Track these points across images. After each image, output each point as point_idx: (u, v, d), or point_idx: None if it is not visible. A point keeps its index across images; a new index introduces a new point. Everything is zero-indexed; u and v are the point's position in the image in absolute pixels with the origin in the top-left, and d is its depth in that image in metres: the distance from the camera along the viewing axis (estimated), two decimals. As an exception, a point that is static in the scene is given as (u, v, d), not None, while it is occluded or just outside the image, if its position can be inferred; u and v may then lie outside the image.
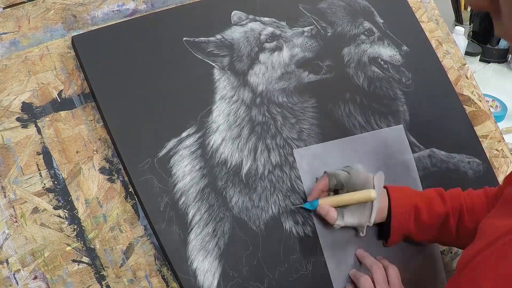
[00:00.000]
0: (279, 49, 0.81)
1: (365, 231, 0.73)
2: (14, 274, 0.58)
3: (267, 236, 0.71)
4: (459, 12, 1.78)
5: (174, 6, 0.78)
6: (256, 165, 0.74)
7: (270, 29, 0.81)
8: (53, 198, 0.63)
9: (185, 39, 0.74)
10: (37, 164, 0.63)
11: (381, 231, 0.76)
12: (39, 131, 0.64)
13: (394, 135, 0.87)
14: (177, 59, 0.73)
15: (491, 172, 0.98)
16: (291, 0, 0.87)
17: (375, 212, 0.70)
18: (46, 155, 0.64)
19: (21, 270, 0.59)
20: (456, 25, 1.75)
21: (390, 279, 0.71)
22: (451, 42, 1.10)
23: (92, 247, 0.63)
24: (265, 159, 0.74)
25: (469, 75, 1.09)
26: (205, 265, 0.66)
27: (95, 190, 0.65)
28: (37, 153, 0.63)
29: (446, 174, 0.91)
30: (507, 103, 1.57)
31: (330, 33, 0.88)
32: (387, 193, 0.74)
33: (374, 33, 0.92)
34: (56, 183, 0.63)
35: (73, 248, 0.62)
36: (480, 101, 1.07)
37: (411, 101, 0.92)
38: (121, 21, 0.73)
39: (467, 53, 1.71)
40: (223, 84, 0.75)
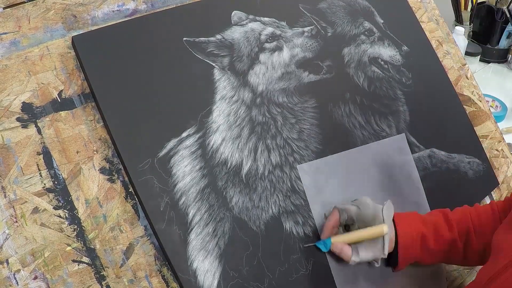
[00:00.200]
0: (279, 49, 0.81)
1: (380, 262, 0.73)
2: (14, 274, 0.58)
3: (267, 236, 0.71)
4: (459, 12, 1.78)
5: (174, 6, 0.78)
6: (256, 165, 0.74)
7: (270, 29, 0.81)
8: (53, 198, 0.63)
9: (185, 39, 0.74)
10: (37, 164, 0.63)
11: (389, 259, 0.76)
12: (39, 131, 0.64)
13: (395, 145, 0.87)
14: (177, 59, 0.73)
15: (491, 172, 0.98)
16: (291, 0, 0.87)
17: (387, 244, 0.71)
18: (46, 155, 0.64)
19: (21, 270, 0.59)
20: (456, 25, 1.75)
21: None
22: (451, 42, 1.10)
23: (92, 247, 0.63)
24: (265, 159, 0.74)
25: (469, 75, 1.09)
26: (205, 265, 0.66)
27: (95, 190, 0.65)
28: (37, 153, 0.63)
29: (446, 174, 0.91)
30: (507, 103, 1.57)
31: (330, 33, 0.88)
32: (393, 221, 0.74)
33: (374, 33, 0.92)
34: (56, 183, 0.63)
35: (73, 248, 0.62)
36: (480, 101, 1.07)
37: (411, 101, 0.92)
38: (121, 21, 0.73)
39: (467, 53, 1.71)
40: (223, 84, 0.75)
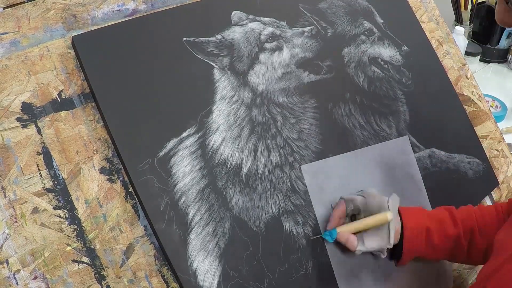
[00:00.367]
0: (279, 49, 0.81)
1: (385, 253, 0.73)
2: (14, 274, 0.58)
3: (267, 236, 0.71)
4: (459, 12, 1.78)
5: (174, 6, 0.78)
6: (256, 165, 0.74)
7: (270, 29, 0.81)
8: (53, 198, 0.63)
9: (185, 39, 0.74)
10: (37, 164, 0.63)
11: (393, 252, 0.76)
12: (39, 131, 0.64)
13: (398, 147, 0.87)
14: (177, 59, 0.73)
15: (491, 172, 0.98)
16: (291, 0, 0.87)
17: (393, 233, 0.71)
18: (46, 155, 0.64)
19: (21, 270, 0.59)
20: (456, 25, 1.75)
21: None
22: (451, 42, 1.10)
23: (92, 247, 0.63)
24: (265, 159, 0.74)
25: (469, 75, 1.09)
26: (205, 265, 0.66)
27: (95, 190, 0.65)
28: (37, 153, 0.63)
29: (446, 174, 0.91)
30: (507, 103, 1.57)
31: (330, 33, 0.88)
32: (399, 215, 0.74)
33: (374, 33, 0.92)
34: (56, 183, 0.63)
35: (73, 248, 0.62)
36: (480, 101, 1.07)
37: (411, 101, 0.92)
38: (121, 21, 0.73)
39: (467, 53, 1.71)
40: (223, 84, 0.75)
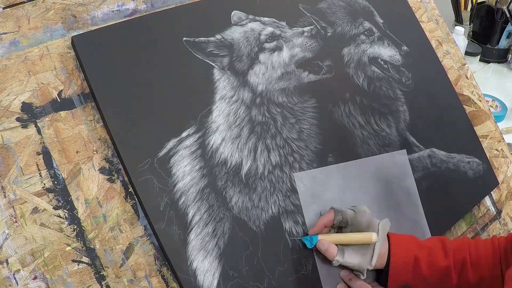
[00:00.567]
0: (279, 49, 0.81)
1: (365, 274, 0.71)
2: (14, 274, 0.58)
3: (267, 236, 0.71)
4: (459, 12, 1.78)
5: (174, 6, 0.78)
6: (256, 165, 0.74)
7: (270, 29, 0.81)
8: (53, 198, 0.63)
9: (185, 39, 0.74)
10: (37, 164, 0.63)
11: (379, 278, 0.75)
12: (39, 131, 0.64)
13: (395, 161, 0.86)
14: (177, 59, 0.73)
15: (491, 172, 0.98)
16: (291, 0, 0.87)
17: (376, 255, 0.69)
18: (46, 155, 0.64)
19: (21, 270, 0.59)
20: (456, 25, 1.75)
21: None
22: (451, 42, 1.10)
23: (92, 247, 0.63)
24: (265, 159, 0.74)
25: (469, 75, 1.09)
26: (205, 265, 0.66)
27: (95, 190, 0.65)
28: (37, 153, 0.63)
29: (446, 174, 0.91)
30: (507, 103, 1.57)
31: (330, 33, 0.88)
32: (388, 240, 0.73)
33: (374, 33, 0.92)
34: (56, 183, 0.63)
35: (73, 248, 0.62)
36: (480, 101, 1.07)
37: (411, 101, 0.92)
38: (121, 21, 0.73)
39: (467, 53, 1.71)
40: (223, 84, 0.75)
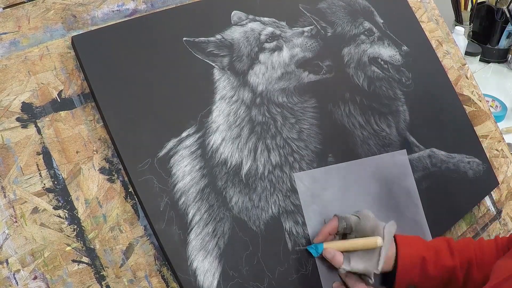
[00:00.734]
0: (279, 49, 0.81)
1: (373, 278, 0.71)
2: (14, 274, 0.58)
3: (267, 236, 0.71)
4: (459, 12, 1.78)
5: (174, 6, 0.78)
6: (256, 165, 0.74)
7: (270, 29, 0.81)
8: (53, 198, 0.63)
9: (185, 39, 0.74)
10: (37, 164, 0.63)
11: (386, 279, 0.75)
12: (39, 131, 0.64)
13: (395, 161, 0.86)
14: (177, 59, 0.73)
15: (491, 172, 0.98)
16: (291, 0, 0.87)
17: (382, 259, 0.69)
18: (46, 155, 0.64)
19: (21, 270, 0.59)
20: (456, 25, 1.75)
21: None
22: (451, 42, 1.10)
23: (92, 247, 0.63)
24: (265, 159, 0.74)
25: (469, 75, 1.09)
26: (205, 265, 0.66)
27: (95, 190, 0.65)
28: (37, 153, 0.63)
29: (446, 174, 0.91)
30: (507, 103, 1.57)
31: (330, 33, 0.88)
32: (395, 241, 0.73)
33: (374, 33, 0.92)
34: (56, 183, 0.63)
35: (73, 248, 0.62)
36: (480, 101, 1.07)
37: (411, 101, 0.92)
38: (121, 21, 0.73)
39: (467, 53, 1.71)
40: (223, 84, 0.75)
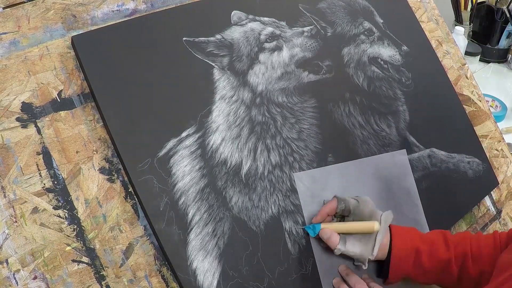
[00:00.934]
0: (278, 49, 0.81)
1: (367, 264, 0.71)
2: (14, 274, 0.58)
3: (267, 236, 0.71)
4: (459, 12, 1.78)
5: (174, 6, 0.78)
6: (256, 165, 0.74)
7: (270, 29, 0.81)
8: (53, 198, 0.63)
9: (185, 39, 0.74)
10: (37, 164, 0.63)
11: (381, 269, 0.75)
12: (39, 131, 0.64)
13: (395, 161, 0.86)
14: (177, 59, 0.73)
15: (491, 172, 0.98)
16: (291, 0, 0.87)
17: (378, 245, 0.70)
18: (46, 155, 0.64)
19: (21, 270, 0.59)
20: (456, 25, 1.75)
21: None
22: (451, 42, 1.10)
23: (92, 247, 0.63)
24: (264, 159, 0.74)
25: (469, 75, 1.09)
26: (205, 265, 0.66)
27: (95, 190, 0.65)
28: (37, 153, 0.63)
29: (446, 174, 0.91)
30: (507, 103, 1.57)
31: (330, 33, 0.88)
32: (390, 232, 0.73)
33: (374, 33, 0.92)
34: (56, 183, 0.63)
35: (73, 248, 0.62)
36: (480, 101, 1.07)
37: (411, 101, 0.92)
38: (121, 21, 0.73)
39: (467, 53, 1.71)
40: (223, 84, 0.75)
